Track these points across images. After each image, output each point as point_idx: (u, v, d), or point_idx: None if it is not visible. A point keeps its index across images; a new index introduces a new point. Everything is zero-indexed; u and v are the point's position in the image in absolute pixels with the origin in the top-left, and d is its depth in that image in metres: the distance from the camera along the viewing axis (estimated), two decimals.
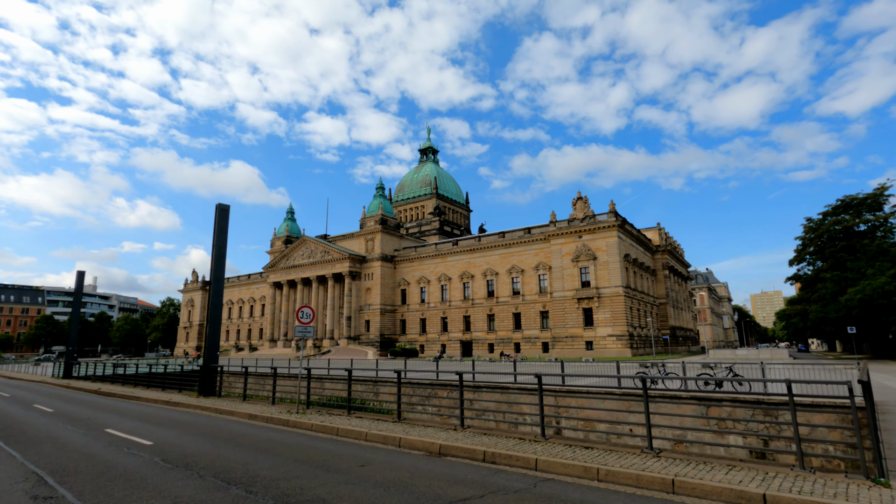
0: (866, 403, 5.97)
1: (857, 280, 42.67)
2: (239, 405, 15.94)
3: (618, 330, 67.74)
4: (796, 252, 58.14)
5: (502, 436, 9.49)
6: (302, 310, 14.51)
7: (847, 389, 6.07)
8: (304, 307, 14.66)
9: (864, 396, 6.15)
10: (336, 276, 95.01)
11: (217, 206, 20.61)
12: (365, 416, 12.70)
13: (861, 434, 6.19)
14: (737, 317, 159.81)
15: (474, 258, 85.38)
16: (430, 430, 10.46)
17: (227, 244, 20.43)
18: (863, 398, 6.21)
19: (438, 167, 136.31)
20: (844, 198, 53.48)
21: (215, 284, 19.89)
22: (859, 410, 6.62)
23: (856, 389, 6.80)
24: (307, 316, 14.70)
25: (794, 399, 6.86)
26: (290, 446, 9.75)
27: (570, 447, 8.25)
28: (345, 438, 10.60)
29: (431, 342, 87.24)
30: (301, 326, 14.42)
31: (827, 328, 54.44)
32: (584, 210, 74.00)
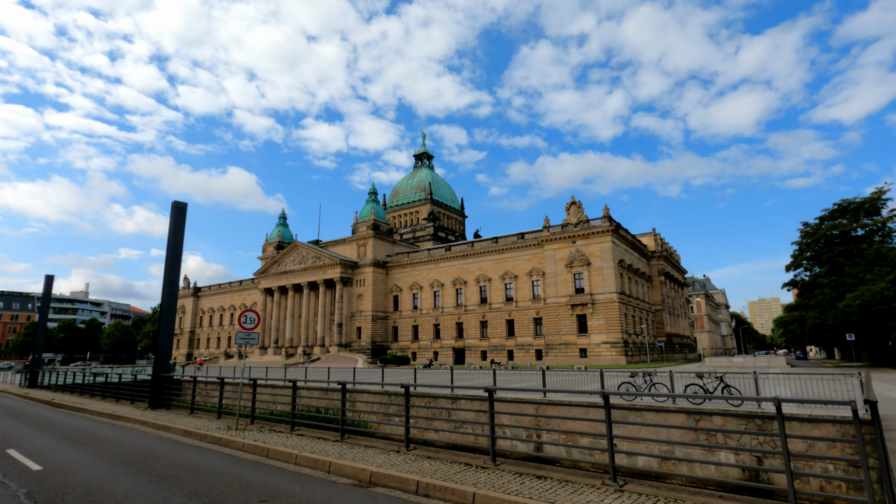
0: (875, 432, 4.69)
1: (856, 285, 41.40)
2: (180, 419, 14.53)
3: (612, 337, 66.34)
4: (793, 257, 56.92)
5: (450, 460, 8.14)
6: (245, 314, 13.15)
7: (850, 411, 4.80)
8: (247, 311, 13.31)
9: (872, 422, 4.86)
10: (327, 282, 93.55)
11: (173, 204, 19.27)
12: (309, 433, 11.34)
13: (869, 467, 4.94)
14: (734, 324, 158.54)
15: (467, 264, 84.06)
16: (371, 451, 9.10)
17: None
18: (871, 422, 5.00)
19: (433, 173, 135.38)
20: (841, 202, 52.36)
21: (169, 287, 18.50)
22: (866, 437, 5.39)
23: (860, 410, 5.54)
24: (250, 321, 13.34)
25: (784, 422, 5.54)
26: (201, 473, 8.36)
27: (520, 476, 6.92)
28: (273, 461, 9.23)
29: (424, 349, 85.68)
30: (243, 333, 13.06)
31: (825, 335, 53.15)
32: (578, 215, 72.82)
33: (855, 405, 4.82)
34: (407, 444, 9.12)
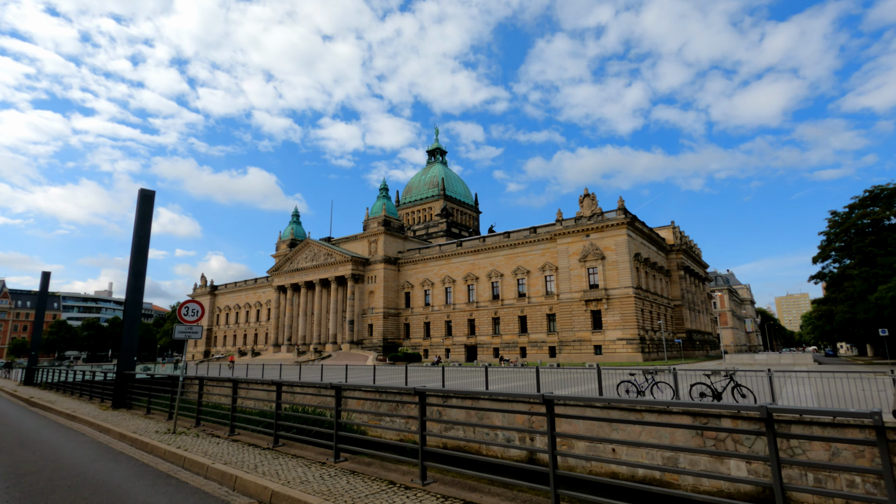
0: None
1: (889, 277, 38.43)
2: (127, 421, 13.44)
3: (628, 333, 63.95)
4: (820, 248, 53.68)
5: (376, 476, 6.69)
6: (186, 305, 11.92)
7: (875, 422, 3.24)
8: (189, 302, 12.11)
9: None
10: (339, 279, 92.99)
11: (140, 192, 18.23)
12: (250, 438, 10.05)
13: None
14: (760, 320, 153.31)
15: (479, 259, 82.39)
16: (295, 462, 7.74)
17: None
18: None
19: (446, 168, 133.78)
20: (873, 188, 49.07)
21: (134, 280, 17.47)
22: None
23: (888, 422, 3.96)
24: (193, 313, 12.10)
25: (775, 439, 3.96)
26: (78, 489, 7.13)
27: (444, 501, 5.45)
28: (185, 472, 7.96)
29: (435, 346, 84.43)
30: (184, 326, 11.83)
31: (855, 330, 49.89)
32: (592, 207, 70.46)
33: (879, 416, 3.25)
34: (336, 454, 7.72)
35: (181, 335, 11.74)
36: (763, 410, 3.81)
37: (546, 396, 5.00)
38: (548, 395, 5.01)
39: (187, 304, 11.91)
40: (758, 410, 3.85)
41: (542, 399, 5.03)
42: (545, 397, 5.00)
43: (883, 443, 3.39)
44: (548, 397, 5.01)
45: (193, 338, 12.27)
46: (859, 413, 3.32)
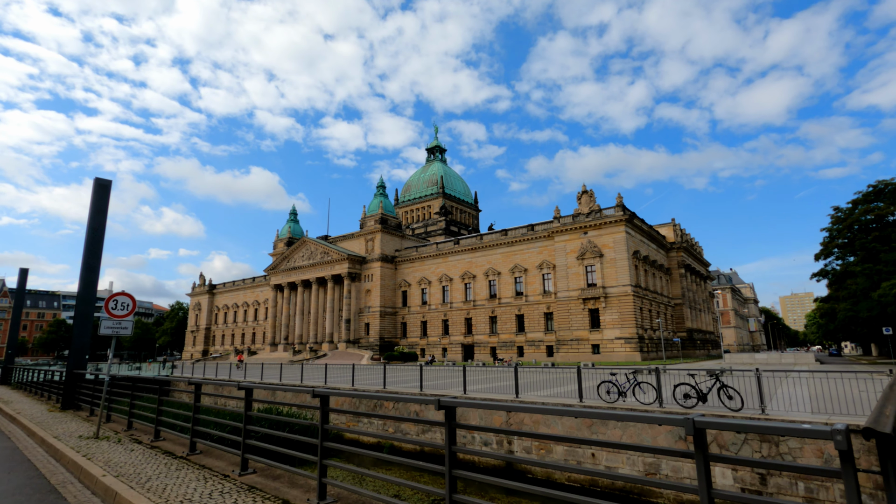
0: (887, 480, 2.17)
1: (893, 273, 37.16)
2: (64, 423, 12.48)
3: (626, 332, 62.78)
4: (823, 245, 52.32)
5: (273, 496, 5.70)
6: (115, 298, 10.95)
7: (839, 444, 2.23)
8: (118, 295, 11.12)
9: (881, 466, 2.23)
10: (335, 277, 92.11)
11: (95, 182, 17.31)
12: (173, 444, 9.07)
13: None
14: (763, 319, 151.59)
15: (476, 258, 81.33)
16: (197, 475, 6.77)
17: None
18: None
19: (445, 166, 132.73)
20: (877, 183, 47.74)
21: (87, 274, 16.53)
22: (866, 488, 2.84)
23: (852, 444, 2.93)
24: (122, 306, 11.11)
25: (706, 462, 2.95)
26: None
27: None
28: (79, 484, 7.02)
29: (432, 346, 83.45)
30: (112, 321, 10.86)
31: (858, 329, 48.51)
32: (590, 204, 69.28)
33: (843, 438, 2.22)
34: (243, 465, 6.73)
35: (107, 331, 10.76)
36: (689, 424, 2.81)
37: (442, 401, 4.01)
38: (445, 401, 4.02)
39: (116, 297, 10.90)
40: (683, 424, 2.85)
41: (438, 404, 4.03)
42: (441, 402, 4.02)
43: (850, 473, 2.36)
44: (444, 402, 4.02)
45: (123, 334, 11.31)
46: (816, 431, 2.30)
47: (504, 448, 18.19)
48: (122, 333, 11.18)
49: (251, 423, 6.70)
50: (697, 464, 3.04)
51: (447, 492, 3.91)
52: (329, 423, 5.50)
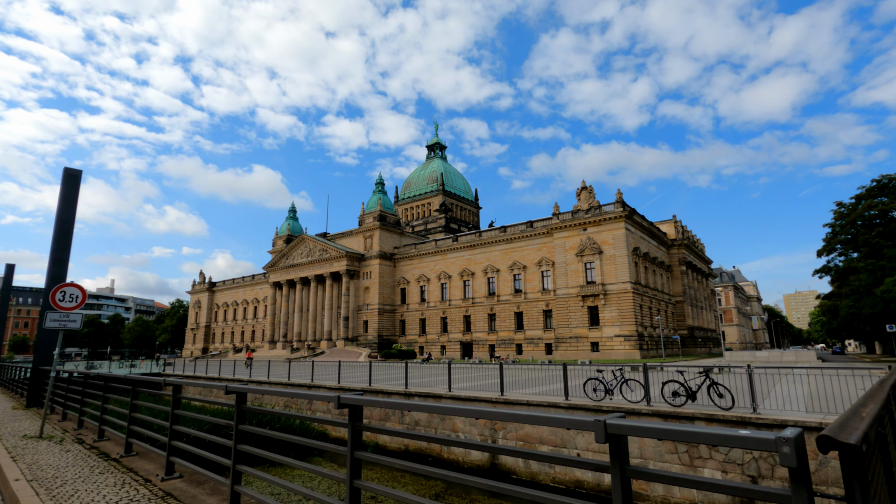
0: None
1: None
2: (17, 422, 11.90)
3: (626, 330, 62.03)
4: (825, 241, 51.41)
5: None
6: (62, 289, 10.33)
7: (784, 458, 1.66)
8: (67, 286, 10.50)
9: (845, 488, 1.61)
10: (334, 274, 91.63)
11: (64, 172, 16.72)
12: (114, 444, 8.48)
13: None
14: (766, 317, 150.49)
15: (475, 255, 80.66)
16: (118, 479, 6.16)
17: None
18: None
19: (446, 163, 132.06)
20: (881, 177, 46.79)
21: (55, 268, 15.96)
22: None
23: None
24: (72, 298, 10.51)
25: (624, 473, 2.31)
26: None
27: None
28: None
29: (431, 343, 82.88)
30: (58, 314, 10.25)
31: (861, 326, 47.63)
32: (590, 201, 68.47)
33: (791, 450, 1.60)
34: (168, 469, 6.11)
35: (53, 324, 10.16)
36: (600, 429, 2.16)
37: (342, 398, 3.38)
38: (346, 398, 3.39)
39: (64, 289, 10.28)
40: (593, 429, 2.22)
41: (339, 401, 3.41)
42: (341, 399, 3.38)
43: (802, 497, 1.73)
44: (345, 400, 3.38)
45: (71, 327, 10.72)
46: (754, 439, 1.68)
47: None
48: (71, 327, 10.59)
49: (178, 422, 6.09)
50: (613, 478, 2.41)
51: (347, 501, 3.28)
52: (246, 422, 4.88)
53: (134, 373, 46.84)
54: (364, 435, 19.64)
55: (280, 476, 5.55)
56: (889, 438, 3.06)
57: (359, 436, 3.44)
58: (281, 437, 4.34)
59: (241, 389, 4.73)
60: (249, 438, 4.76)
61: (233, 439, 4.75)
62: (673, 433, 1.95)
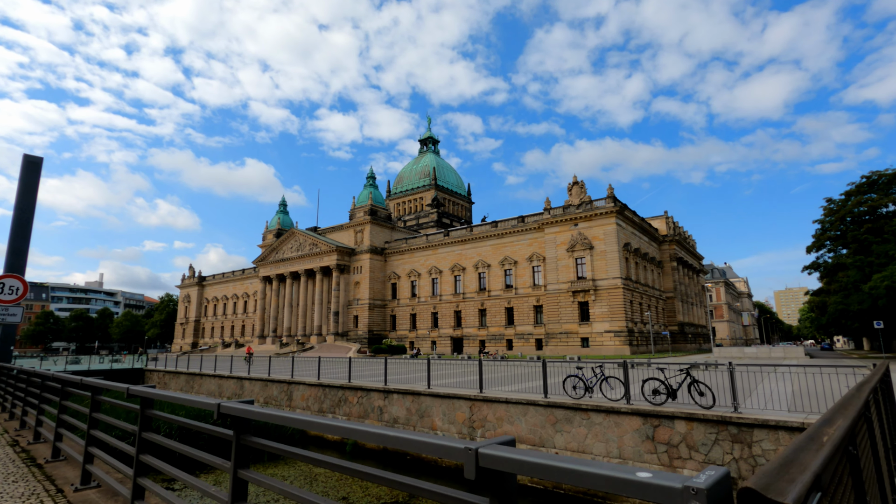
0: None
1: (885, 265, 36.16)
2: None
3: (616, 325, 61.86)
4: (815, 237, 51.33)
5: None
6: (1, 281, 9.71)
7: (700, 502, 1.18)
8: (6, 277, 9.88)
9: None
10: (324, 269, 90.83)
11: (24, 159, 15.97)
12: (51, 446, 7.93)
13: None
14: (757, 313, 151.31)
15: (466, 250, 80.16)
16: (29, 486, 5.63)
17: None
18: None
19: (438, 158, 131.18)
20: (871, 174, 46.70)
21: (13, 259, 15.25)
22: None
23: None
24: (11, 291, 9.86)
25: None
26: None
27: None
28: None
29: (421, 338, 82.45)
30: None
31: (848, 322, 47.63)
32: (581, 196, 68.11)
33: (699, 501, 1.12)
34: (83, 478, 5.52)
35: None
36: (471, 460, 1.61)
37: (223, 408, 2.84)
38: (227, 408, 2.84)
39: (3, 280, 9.66)
40: (463, 458, 1.66)
41: (218, 411, 2.86)
42: (221, 409, 2.84)
43: None
44: (227, 410, 2.84)
45: (11, 321, 10.11)
46: (661, 486, 1.19)
47: None
48: (10, 321, 9.99)
49: (96, 426, 5.52)
50: None
51: None
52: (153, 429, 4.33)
53: (115, 367, 45.98)
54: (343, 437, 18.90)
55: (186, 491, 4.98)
56: (865, 464, 2.54)
57: (244, 451, 2.91)
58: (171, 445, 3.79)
59: (145, 393, 4.17)
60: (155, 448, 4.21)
61: (135, 448, 4.21)
62: (560, 472, 1.42)
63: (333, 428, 2.17)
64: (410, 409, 19.25)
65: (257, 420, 2.73)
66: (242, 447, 2.91)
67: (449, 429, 17.75)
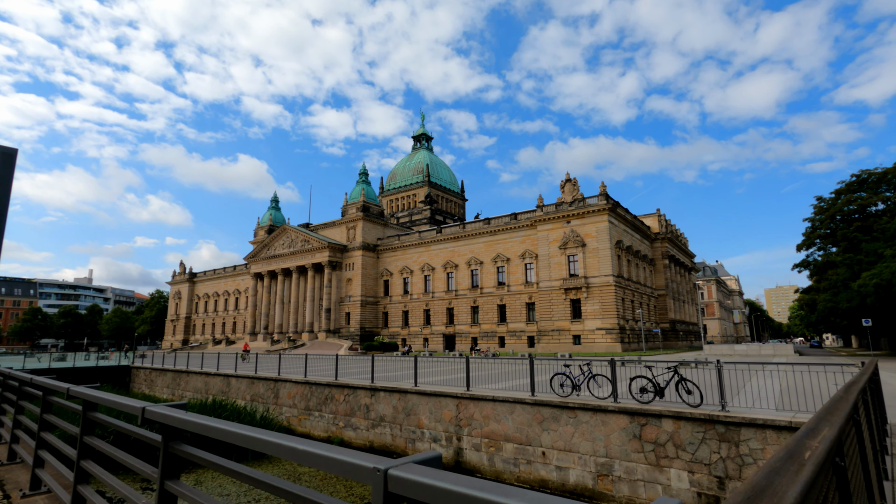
0: None
1: (874, 263, 36.31)
2: None
3: (607, 323, 61.89)
4: (805, 235, 51.57)
5: None
6: None
7: None
8: None
9: None
10: (316, 266, 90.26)
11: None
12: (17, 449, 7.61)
13: None
14: (748, 311, 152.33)
15: (458, 247, 79.91)
16: None
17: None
18: None
19: (432, 154, 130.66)
20: (860, 173, 46.92)
21: None
22: None
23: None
24: None
25: None
26: None
27: None
28: None
29: (414, 336, 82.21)
30: None
31: (837, 320, 47.94)
32: (573, 193, 68.01)
33: None
34: (32, 484, 5.18)
35: None
36: (379, 482, 1.33)
37: (147, 413, 2.54)
38: (152, 413, 2.55)
39: None
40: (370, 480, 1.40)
41: (141, 416, 2.57)
42: (145, 414, 2.55)
43: None
44: (152, 415, 2.54)
45: None
46: None
47: (454, 444, 16.87)
48: None
49: (47, 429, 5.20)
50: None
51: None
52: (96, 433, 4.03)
53: (101, 364, 45.33)
54: (337, 428, 18.80)
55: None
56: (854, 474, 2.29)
57: (173, 461, 2.61)
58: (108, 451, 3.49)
59: (86, 395, 3.87)
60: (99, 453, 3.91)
61: (77, 452, 3.91)
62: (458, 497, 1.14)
63: (251, 440, 1.89)
64: (397, 408, 18.99)
65: (184, 428, 2.44)
66: (171, 456, 2.62)
67: (436, 427, 17.52)
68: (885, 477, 5.82)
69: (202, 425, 2.26)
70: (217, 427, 2.15)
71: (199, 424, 2.29)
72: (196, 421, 2.35)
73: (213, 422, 2.23)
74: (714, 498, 11.51)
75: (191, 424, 2.38)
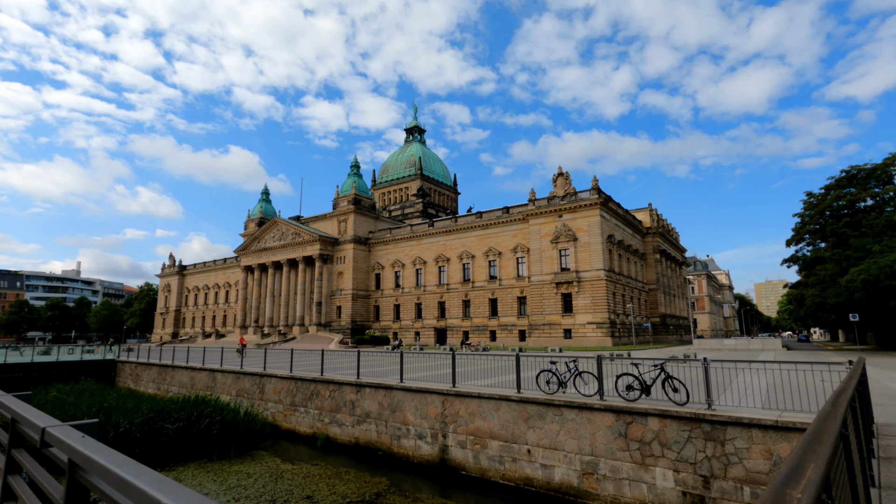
0: None
1: (862, 259, 36.51)
2: None
3: (598, 317, 62.02)
4: (794, 231, 51.80)
5: None
6: None
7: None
8: None
9: None
10: (307, 259, 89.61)
11: None
12: None
13: None
14: (738, 305, 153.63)
15: (450, 240, 79.61)
16: None
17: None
18: None
19: (424, 147, 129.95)
20: (850, 168, 47.09)
21: None
22: None
23: None
24: None
25: None
26: None
27: None
28: None
29: (405, 329, 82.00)
30: None
31: (825, 315, 48.40)
32: (566, 187, 67.83)
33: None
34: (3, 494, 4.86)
35: None
36: None
37: (48, 434, 2.20)
38: (52, 435, 2.22)
39: None
40: None
41: (42, 435, 2.24)
42: (45, 436, 2.22)
43: None
44: (52, 439, 2.22)
45: None
46: None
47: (439, 442, 16.66)
48: None
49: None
50: None
51: None
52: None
53: (86, 358, 44.62)
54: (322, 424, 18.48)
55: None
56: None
57: (78, 490, 2.29)
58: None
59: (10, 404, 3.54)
60: None
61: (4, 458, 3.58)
62: None
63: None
64: (383, 404, 18.74)
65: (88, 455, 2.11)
66: (77, 485, 2.30)
67: (421, 424, 17.30)
68: (872, 484, 5.61)
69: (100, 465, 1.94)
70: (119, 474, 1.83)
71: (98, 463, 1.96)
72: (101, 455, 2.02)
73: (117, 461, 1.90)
74: (699, 497, 11.38)
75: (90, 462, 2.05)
